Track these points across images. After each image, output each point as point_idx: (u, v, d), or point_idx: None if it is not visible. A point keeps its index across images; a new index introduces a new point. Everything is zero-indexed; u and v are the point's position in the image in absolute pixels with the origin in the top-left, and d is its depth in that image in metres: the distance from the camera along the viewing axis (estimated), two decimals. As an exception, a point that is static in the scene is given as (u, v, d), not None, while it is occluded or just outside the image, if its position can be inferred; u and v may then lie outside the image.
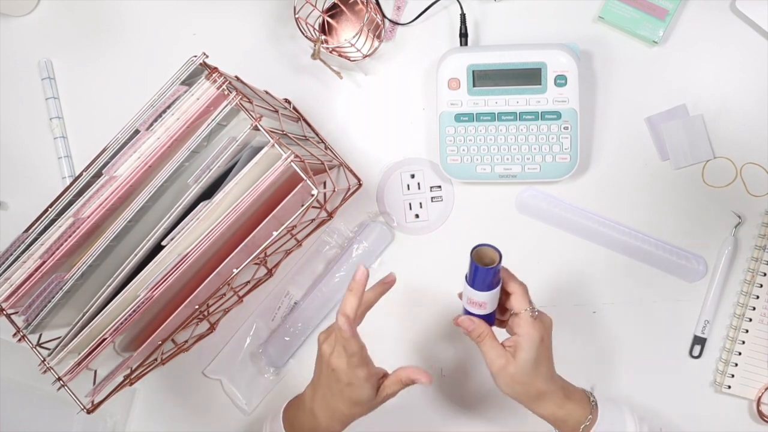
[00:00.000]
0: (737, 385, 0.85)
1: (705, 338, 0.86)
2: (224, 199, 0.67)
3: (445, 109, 0.86)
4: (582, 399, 0.72)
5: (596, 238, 0.88)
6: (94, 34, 0.97)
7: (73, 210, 0.71)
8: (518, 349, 0.68)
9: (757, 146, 0.86)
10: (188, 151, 0.69)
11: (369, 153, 0.92)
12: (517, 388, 0.69)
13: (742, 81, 0.87)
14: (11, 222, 0.97)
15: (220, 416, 0.94)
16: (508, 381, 0.69)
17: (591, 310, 0.89)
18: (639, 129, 0.88)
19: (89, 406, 0.74)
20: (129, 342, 0.80)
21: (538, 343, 0.68)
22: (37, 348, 0.74)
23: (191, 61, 0.69)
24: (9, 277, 0.72)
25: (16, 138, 0.98)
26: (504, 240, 0.89)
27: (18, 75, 0.98)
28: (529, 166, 0.86)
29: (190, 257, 0.68)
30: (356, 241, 0.90)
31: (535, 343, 0.68)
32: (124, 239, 0.74)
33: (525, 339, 0.68)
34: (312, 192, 0.67)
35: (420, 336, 0.91)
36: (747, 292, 0.85)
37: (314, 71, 0.93)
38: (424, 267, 0.91)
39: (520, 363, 0.68)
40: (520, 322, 0.69)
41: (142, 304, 0.70)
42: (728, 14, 0.87)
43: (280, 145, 0.67)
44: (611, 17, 0.87)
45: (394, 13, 0.92)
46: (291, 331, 0.91)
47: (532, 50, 0.84)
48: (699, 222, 0.87)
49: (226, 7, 0.95)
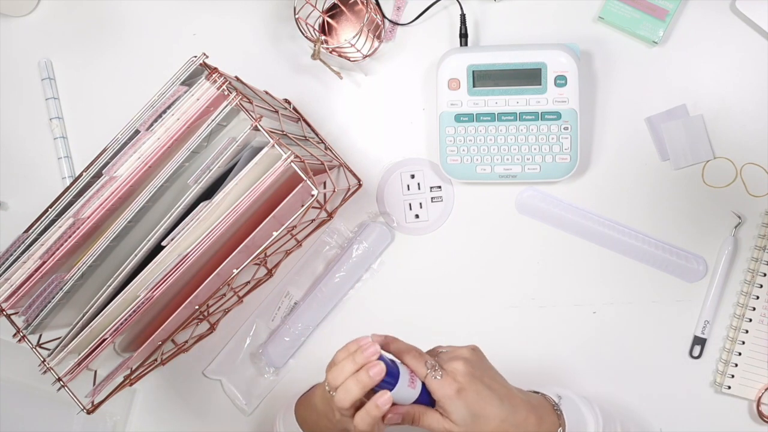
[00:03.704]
0: (737, 386, 0.85)
1: (705, 338, 0.86)
2: (224, 199, 0.67)
3: (445, 110, 0.86)
4: (549, 410, 0.69)
5: (596, 238, 0.88)
6: (94, 34, 0.97)
7: (73, 210, 0.71)
8: (449, 413, 0.65)
9: (757, 146, 0.86)
10: (188, 151, 0.69)
11: (369, 153, 0.92)
12: None
13: (742, 81, 0.87)
14: (11, 222, 0.97)
15: (220, 416, 0.94)
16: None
17: (591, 310, 0.89)
18: (639, 129, 0.88)
19: (89, 407, 0.74)
20: (129, 342, 0.80)
21: (460, 397, 0.64)
22: (37, 348, 0.74)
23: (191, 61, 0.69)
24: (9, 278, 0.72)
25: (16, 138, 0.98)
26: (504, 240, 0.90)
27: (18, 75, 0.98)
28: (529, 167, 0.86)
29: (190, 257, 0.68)
30: (356, 241, 0.90)
31: (455, 399, 0.64)
32: (124, 239, 0.74)
33: (444, 401, 0.65)
34: (312, 192, 0.67)
35: (420, 336, 0.91)
36: (747, 292, 0.85)
37: (314, 71, 0.93)
38: (424, 267, 0.91)
39: (459, 422, 0.64)
40: (431, 387, 0.65)
41: (142, 304, 0.70)
42: (728, 14, 0.87)
43: (280, 146, 0.67)
44: (611, 17, 0.87)
45: (394, 14, 0.92)
46: (291, 332, 0.91)
47: (532, 50, 0.84)
48: (699, 222, 0.87)
49: (226, 7, 0.95)
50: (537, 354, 0.89)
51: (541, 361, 0.88)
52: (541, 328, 0.89)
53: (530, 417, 0.67)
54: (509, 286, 0.90)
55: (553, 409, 0.70)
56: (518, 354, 0.89)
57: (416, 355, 0.67)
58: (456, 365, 0.66)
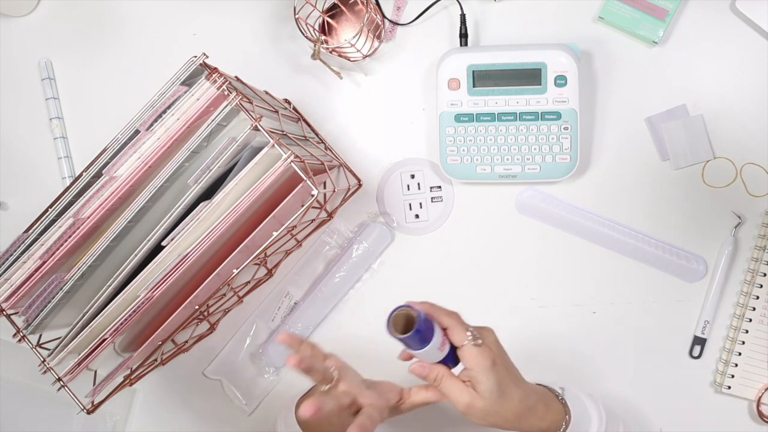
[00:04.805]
0: (737, 386, 0.85)
1: (705, 338, 0.86)
2: (224, 199, 0.67)
3: (445, 110, 0.86)
4: (555, 401, 0.70)
5: (596, 239, 0.88)
6: (94, 34, 0.97)
7: (73, 210, 0.71)
8: (476, 383, 0.65)
9: (757, 146, 0.86)
10: (188, 151, 0.69)
11: (369, 153, 0.92)
12: (491, 420, 0.66)
13: (742, 81, 0.87)
14: (11, 222, 0.97)
15: (220, 416, 0.94)
16: (480, 415, 0.66)
17: (591, 310, 0.89)
18: (639, 129, 0.88)
19: (89, 407, 0.74)
20: (129, 342, 0.80)
21: (493, 369, 0.65)
22: (37, 348, 0.74)
23: (191, 61, 0.69)
24: (9, 278, 0.72)
25: (16, 138, 0.98)
26: (504, 240, 0.90)
27: (18, 75, 0.98)
28: (529, 167, 0.86)
29: (190, 257, 0.68)
30: (356, 241, 0.90)
31: (490, 370, 0.65)
32: (124, 239, 0.74)
33: (478, 370, 0.65)
34: (312, 192, 0.67)
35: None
36: (747, 293, 0.85)
37: (314, 71, 0.93)
38: (424, 267, 0.91)
39: (485, 395, 0.65)
40: (466, 355, 0.65)
41: (142, 304, 0.70)
42: (728, 14, 0.87)
43: (280, 146, 0.67)
44: (611, 17, 0.87)
45: (394, 14, 0.92)
46: (291, 332, 0.91)
47: (532, 50, 0.84)
48: (699, 222, 0.87)
49: (226, 7, 0.95)
50: (537, 354, 0.89)
51: (541, 361, 0.88)
52: (541, 328, 0.89)
53: (539, 403, 0.68)
54: (509, 286, 0.90)
55: (557, 398, 0.71)
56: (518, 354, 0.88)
57: (458, 322, 0.67)
58: (490, 339, 0.67)
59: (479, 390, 0.65)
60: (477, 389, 0.65)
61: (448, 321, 0.66)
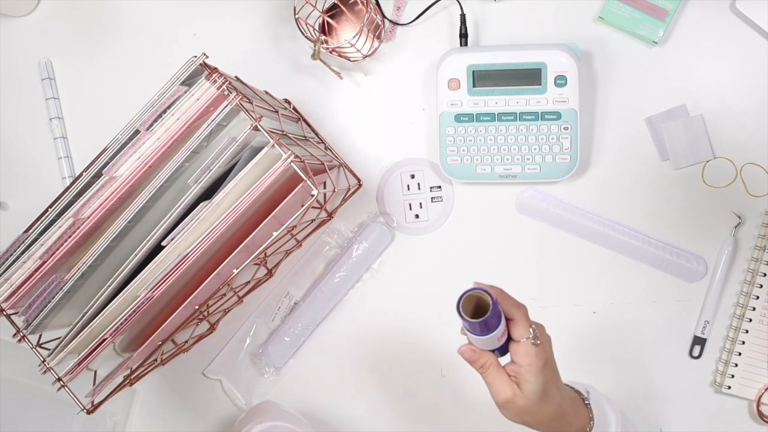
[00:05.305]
0: (737, 386, 0.85)
1: (705, 338, 0.86)
2: (224, 199, 0.67)
3: (445, 110, 0.86)
4: (582, 407, 0.69)
5: (596, 238, 0.88)
6: (94, 34, 0.97)
7: (73, 210, 0.71)
8: (523, 381, 0.63)
9: (757, 146, 0.86)
10: (188, 151, 0.69)
11: (369, 153, 0.92)
12: (526, 419, 0.65)
13: (742, 81, 0.87)
14: (11, 222, 0.97)
15: (220, 416, 0.94)
16: (516, 412, 0.64)
17: (591, 310, 0.89)
18: (639, 129, 0.88)
19: (89, 407, 0.74)
20: (129, 342, 0.80)
21: (543, 371, 0.62)
22: (37, 348, 0.74)
23: (191, 61, 0.69)
24: (9, 278, 0.72)
25: (16, 138, 0.98)
26: (504, 240, 0.90)
27: (18, 75, 0.98)
28: (529, 167, 0.86)
29: (190, 257, 0.68)
30: (356, 241, 0.90)
31: (540, 372, 0.62)
32: (124, 239, 0.74)
33: (529, 370, 0.62)
34: (312, 192, 0.67)
35: (420, 336, 0.91)
36: (747, 293, 0.85)
37: (314, 71, 0.93)
38: (424, 267, 0.91)
39: (528, 395, 0.62)
40: (520, 351, 0.63)
41: (142, 304, 0.70)
42: (728, 14, 0.87)
43: (280, 146, 0.67)
44: (611, 17, 0.87)
45: (394, 14, 0.92)
46: (291, 332, 0.91)
47: (532, 50, 0.84)
48: (699, 222, 0.87)
49: (226, 7, 0.95)
50: (537, 354, 0.89)
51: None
52: (541, 328, 0.89)
53: (571, 408, 0.66)
54: (509, 286, 0.89)
55: (583, 403, 0.69)
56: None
57: (525, 316, 0.64)
58: (545, 338, 0.65)
59: (524, 389, 0.63)
60: (521, 387, 0.63)
61: (515, 313, 0.64)
